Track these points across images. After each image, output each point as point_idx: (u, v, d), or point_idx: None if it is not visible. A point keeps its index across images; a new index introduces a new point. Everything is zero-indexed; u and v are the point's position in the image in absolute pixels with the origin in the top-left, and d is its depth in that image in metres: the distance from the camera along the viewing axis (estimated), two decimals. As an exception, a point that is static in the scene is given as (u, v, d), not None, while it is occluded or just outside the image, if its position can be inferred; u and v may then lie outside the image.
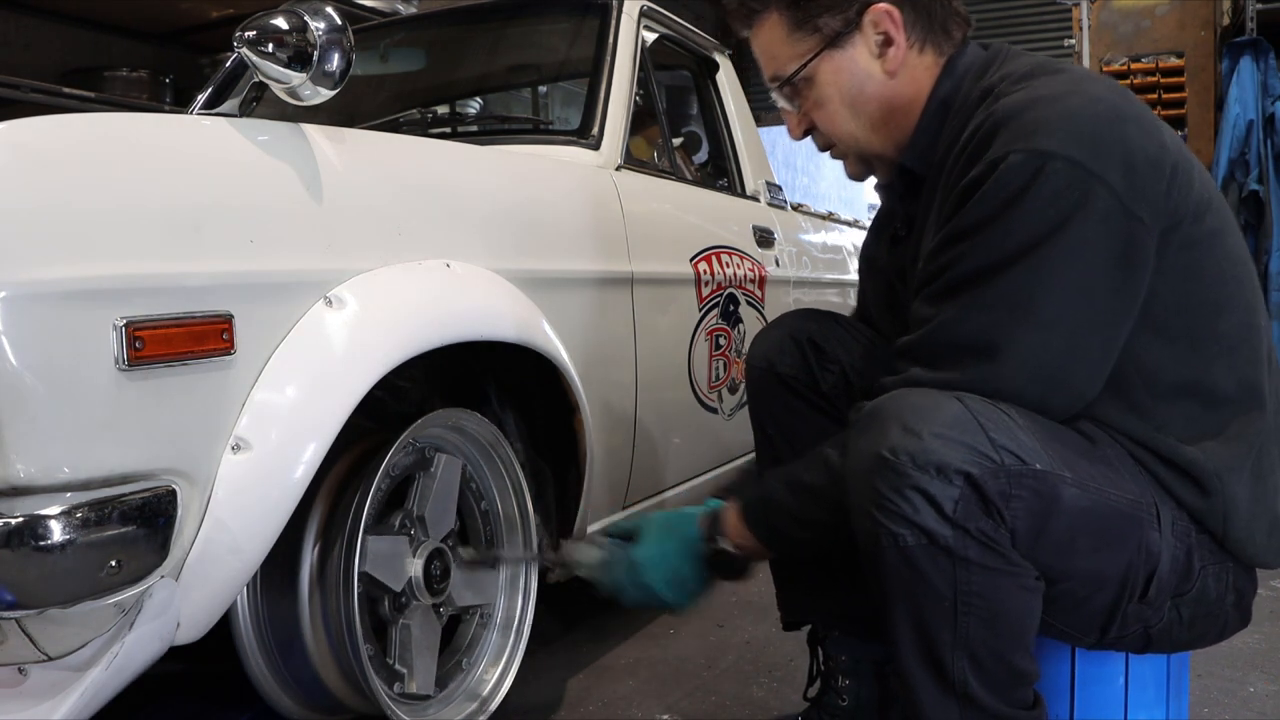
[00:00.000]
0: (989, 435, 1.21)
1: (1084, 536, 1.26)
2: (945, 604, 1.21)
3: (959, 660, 1.23)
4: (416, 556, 1.72)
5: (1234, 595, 1.40)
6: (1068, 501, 1.23)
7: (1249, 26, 5.30)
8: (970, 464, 1.19)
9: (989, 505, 1.19)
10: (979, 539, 1.19)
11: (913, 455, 1.19)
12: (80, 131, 1.25)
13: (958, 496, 1.18)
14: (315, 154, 1.49)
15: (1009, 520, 1.20)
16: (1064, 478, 1.23)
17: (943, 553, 1.20)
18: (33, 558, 1.14)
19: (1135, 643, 1.39)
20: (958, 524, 1.19)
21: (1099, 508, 1.26)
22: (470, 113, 3.38)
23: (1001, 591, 1.22)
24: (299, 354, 1.39)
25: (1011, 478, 1.20)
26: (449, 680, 1.83)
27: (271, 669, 1.62)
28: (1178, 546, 1.32)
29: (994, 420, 1.22)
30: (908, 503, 1.19)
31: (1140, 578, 1.31)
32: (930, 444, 1.19)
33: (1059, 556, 1.26)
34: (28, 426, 1.14)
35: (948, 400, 1.23)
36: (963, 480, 1.18)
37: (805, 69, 1.46)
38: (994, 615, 1.22)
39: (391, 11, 4.03)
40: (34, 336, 1.13)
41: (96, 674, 1.28)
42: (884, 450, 1.21)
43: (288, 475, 1.36)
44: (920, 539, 1.20)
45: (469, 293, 1.68)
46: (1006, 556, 1.21)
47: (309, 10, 1.40)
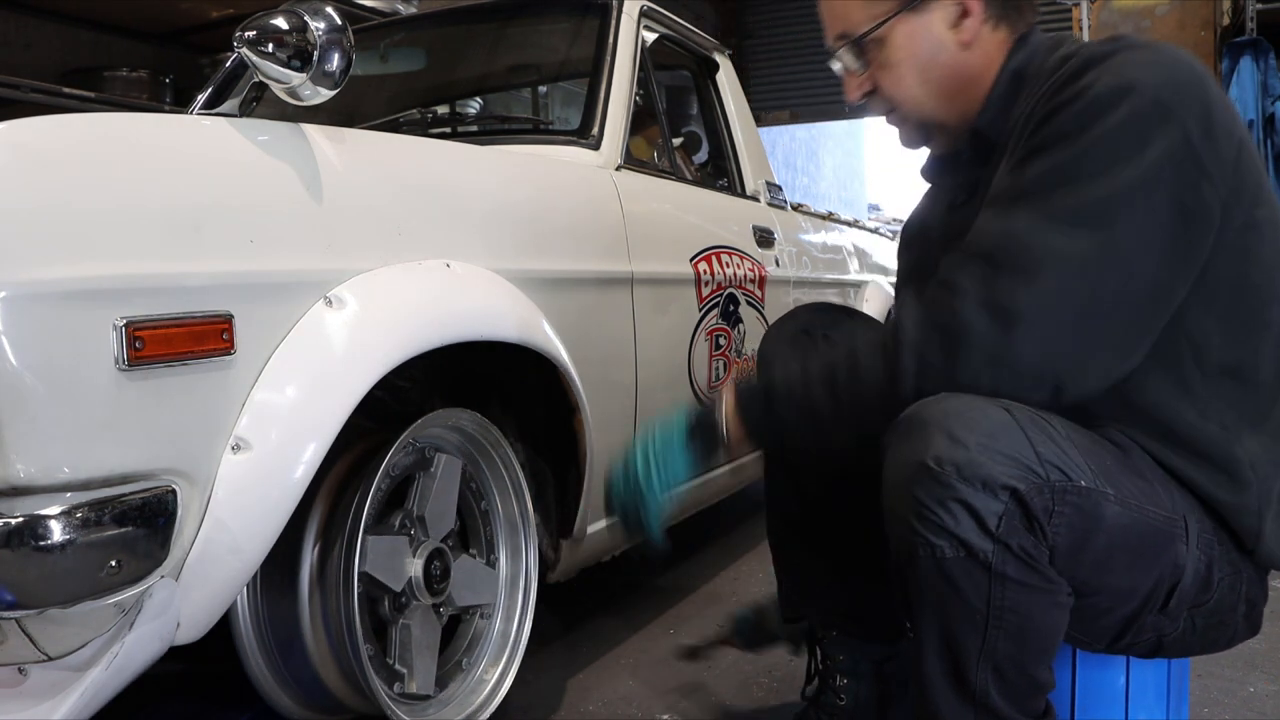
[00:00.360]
0: (1035, 449, 1.19)
1: (1121, 553, 1.25)
2: (977, 617, 1.20)
3: (982, 672, 1.22)
4: (416, 556, 1.72)
5: (1245, 606, 1.39)
6: (1109, 519, 1.21)
7: (1249, 26, 5.30)
8: (1017, 479, 1.17)
9: (1033, 522, 1.17)
10: (1019, 555, 1.18)
11: (958, 466, 1.17)
12: (80, 131, 1.25)
13: (1002, 511, 1.17)
14: (315, 154, 1.49)
15: (1050, 537, 1.19)
16: (1107, 495, 1.22)
17: (980, 567, 1.18)
18: (33, 558, 1.14)
19: (1145, 649, 1.38)
20: (999, 539, 1.17)
21: (1138, 525, 1.24)
22: (470, 113, 3.38)
23: (1035, 608, 1.21)
24: (299, 354, 1.39)
25: (1056, 494, 1.18)
26: (449, 680, 1.83)
27: (271, 669, 1.62)
28: (1200, 559, 1.31)
29: (1039, 432, 1.21)
30: (950, 515, 1.17)
31: (1164, 590, 1.30)
32: (977, 456, 1.17)
33: (1095, 572, 1.24)
34: (28, 426, 1.14)
35: (994, 409, 1.21)
36: (1009, 495, 1.17)
37: (880, 30, 1.44)
38: (1024, 631, 1.21)
39: (391, 11, 4.03)
40: (34, 336, 1.13)
41: (96, 674, 1.28)
42: (928, 459, 1.18)
43: (288, 475, 1.36)
44: (959, 551, 1.18)
45: (469, 293, 1.68)
46: (1044, 573, 1.20)
47: (309, 10, 1.40)
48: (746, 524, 3.55)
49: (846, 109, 1.56)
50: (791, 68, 9.00)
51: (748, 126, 3.38)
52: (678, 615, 2.62)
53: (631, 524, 1.48)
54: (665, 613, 2.62)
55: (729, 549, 3.26)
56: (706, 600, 2.76)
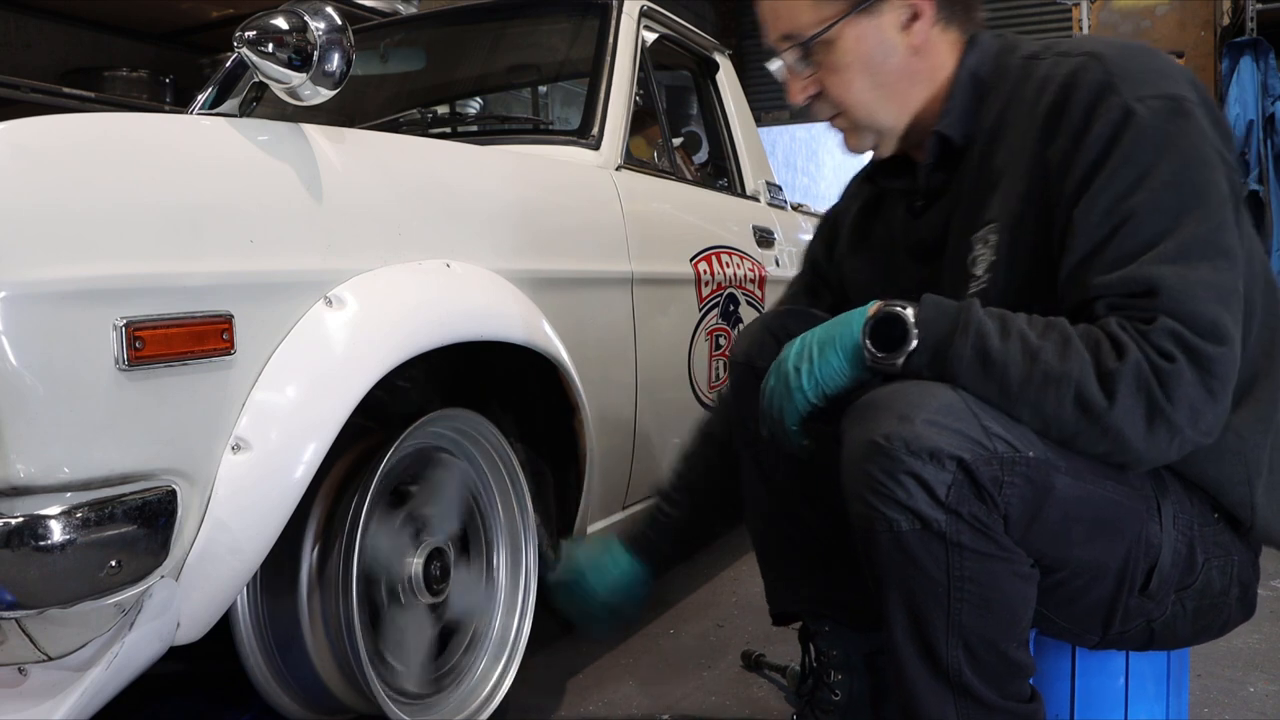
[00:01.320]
0: (982, 422, 1.21)
1: (1078, 525, 1.26)
2: (939, 589, 1.22)
3: (953, 648, 1.23)
4: (417, 555, 1.73)
5: (1239, 588, 1.40)
6: (1061, 489, 1.23)
7: (1249, 26, 5.30)
8: (963, 449, 1.19)
9: (981, 490, 1.19)
10: (972, 524, 1.20)
11: (906, 440, 1.19)
12: (80, 131, 1.25)
13: (950, 481, 1.19)
14: (315, 154, 1.49)
15: (1001, 506, 1.20)
16: (1057, 466, 1.23)
17: (936, 538, 1.20)
18: (33, 558, 1.14)
19: (1138, 639, 1.39)
20: (950, 508, 1.19)
21: (1093, 497, 1.26)
22: (470, 113, 3.38)
23: (995, 577, 1.22)
24: (299, 354, 1.39)
25: (1004, 464, 1.20)
26: (448, 680, 1.83)
27: (271, 668, 1.62)
28: (1179, 539, 1.32)
29: (989, 410, 1.22)
30: (901, 487, 1.19)
31: (1140, 570, 1.31)
32: (923, 429, 1.19)
33: (1053, 544, 1.25)
34: (28, 426, 1.14)
35: (944, 391, 1.23)
36: (955, 465, 1.19)
37: (828, 32, 1.41)
38: (987, 601, 1.22)
39: (391, 11, 4.03)
40: (34, 337, 1.13)
41: (97, 674, 1.28)
42: (878, 436, 1.21)
43: (288, 475, 1.36)
44: (914, 523, 1.20)
45: (469, 293, 1.68)
46: (999, 542, 1.22)
47: (309, 10, 1.40)
48: (746, 524, 3.54)
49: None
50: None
51: (748, 126, 3.38)
52: (678, 615, 2.62)
53: (774, 424, 1.43)
54: (665, 613, 2.62)
55: (729, 549, 3.25)
56: (706, 600, 2.76)
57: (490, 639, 1.91)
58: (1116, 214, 1.24)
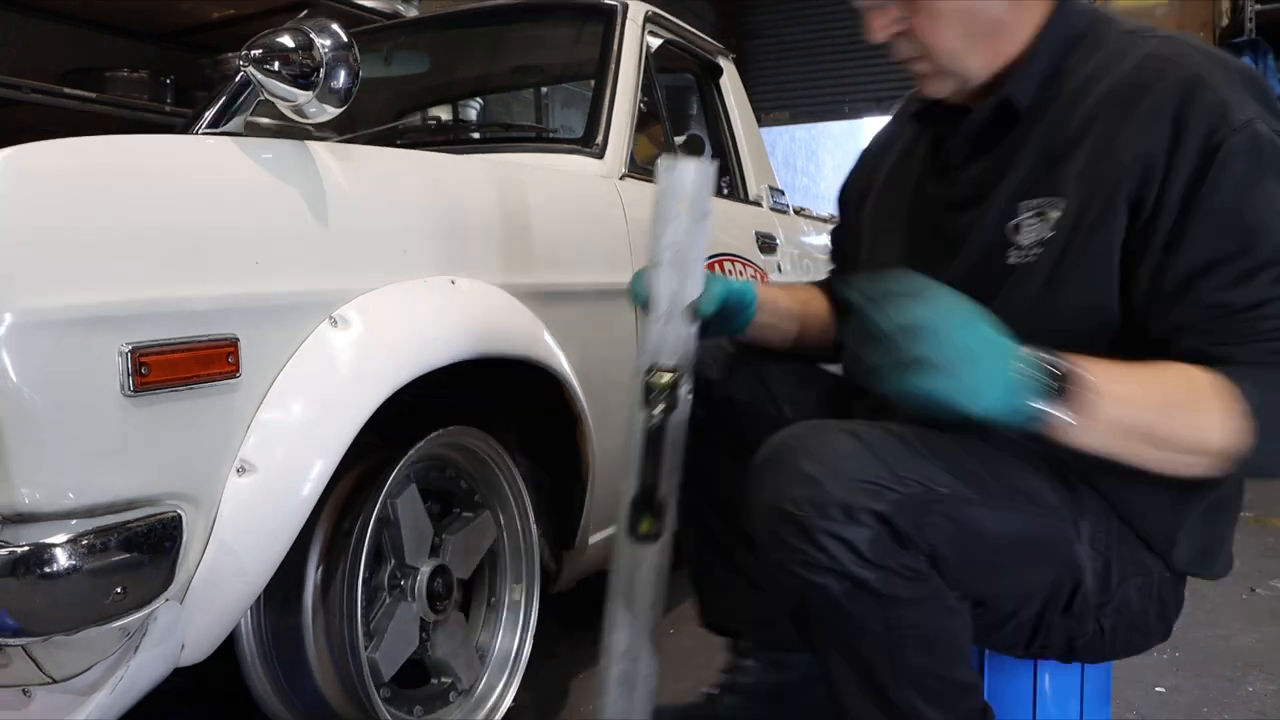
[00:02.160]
0: (889, 467, 1.17)
1: (1004, 554, 1.25)
2: (879, 640, 1.19)
3: (902, 689, 1.21)
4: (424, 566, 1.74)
5: (1157, 606, 1.38)
6: (980, 521, 1.21)
7: (1248, 27, 5.30)
8: (876, 501, 1.15)
9: (901, 538, 1.16)
10: (901, 573, 1.17)
11: (815, 503, 1.15)
12: (83, 155, 1.24)
13: (871, 535, 1.15)
14: (320, 173, 1.48)
15: (925, 546, 1.18)
16: (970, 499, 1.21)
17: (870, 594, 1.17)
18: (38, 586, 1.14)
19: (1059, 652, 1.38)
20: (879, 564, 1.16)
21: (1015, 524, 1.24)
22: (473, 118, 3.37)
23: (932, 617, 1.20)
24: (304, 375, 1.39)
25: (919, 506, 1.17)
26: (449, 695, 1.83)
27: (275, 686, 1.62)
28: (1096, 559, 1.31)
29: (892, 450, 1.19)
30: (824, 552, 1.15)
31: (1065, 590, 1.30)
32: (831, 489, 1.15)
33: (985, 578, 1.24)
34: (33, 453, 1.14)
35: (840, 435, 1.20)
36: (872, 517, 1.15)
37: None
38: (930, 641, 1.21)
39: (393, 13, 4.01)
40: (39, 363, 1.13)
41: (101, 697, 1.28)
42: (786, 505, 1.17)
43: (293, 497, 1.36)
44: (845, 584, 1.16)
45: (474, 310, 1.67)
46: (929, 583, 1.19)
47: (315, 28, 1.40)
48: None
49: (846, 109, 1.52)
50: (792, 68, 8.99)
51: (750, 131, 3.37)
52: (678, 615, 2.62)
53: None
54: (665, 613, 2.61)
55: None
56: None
57: (492, 657, 1.91)
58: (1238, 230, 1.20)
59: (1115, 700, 1.95)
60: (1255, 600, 2.76)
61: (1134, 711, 2.06)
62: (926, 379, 1.08)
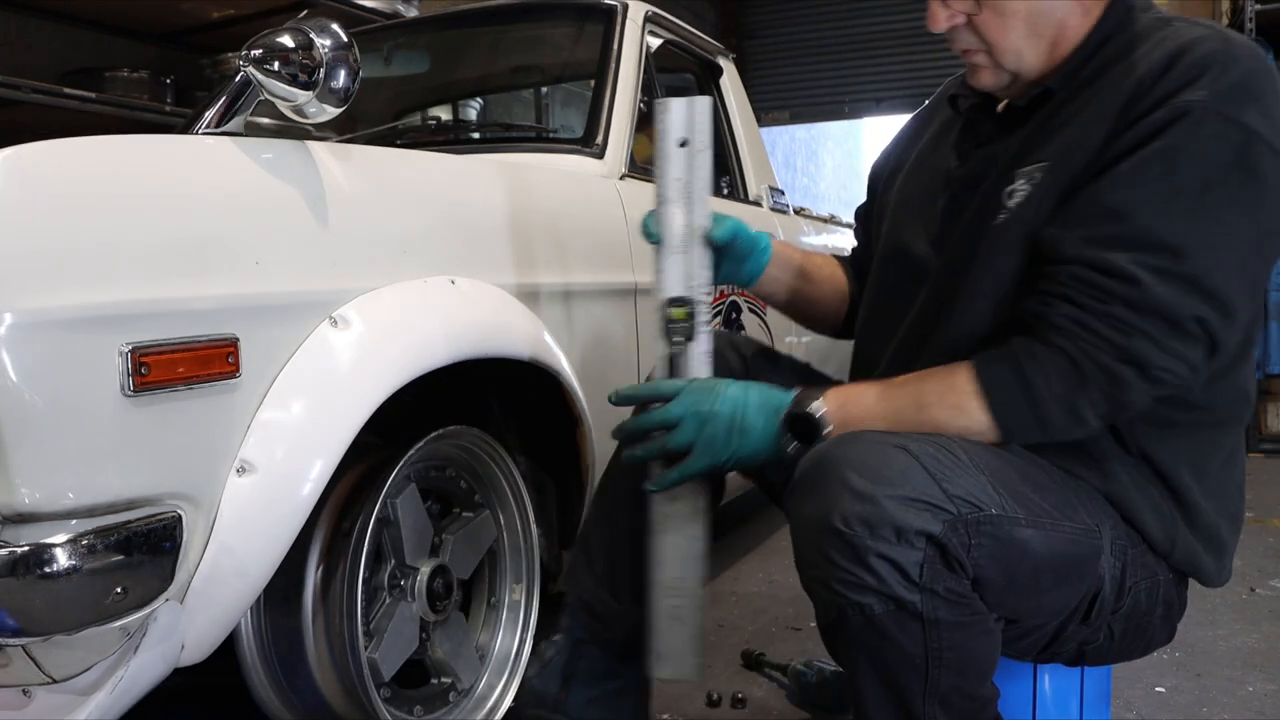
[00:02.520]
0: (940, 486, 1.16)
1: (1046, 574, 1.25)
2: (916, 662, 1.18)
3: (930, 706, 1.20)
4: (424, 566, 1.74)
5: (1162, 608, 1.40)
6: (1027, 544, 1.21)
7: (1247, 27, 5.30)
8: (930, 524, 1.14)
9: (951, 561, 1.16)
10: (947, 598, 1.16)
11: (868, 522, 1.13)
12: (84, 156, 1.24)
13: (922, 560, 1.14)
14: (320, 173, 1.48)
15: (971, 571, 1.17)
16: (1018, 519, 1.20)
17: (912, 618, 1.16)
18: (38, 586, 1.14)
19: (1068, 659, 1.39)
20: (925, 587, 1.15)
21: (1056, 543, 1.24)
22: (473, 118, 3.37)
23: (971, 640, 1.20)
24: (304, 375, 1.39)
25: (970, 527, 1.16)
26: (449, 696, 1.83)
27: (274, 685, 1.62)
28: (1115, 565, 1.32)
29: (943, 466, 1.19)
30: (871, 573, 1.14)
31: (1087, 602, 1.31)
32: (885, 507, 1.14)
33: (1025, 597, 1.24)
34: (33, 453, 1.14)
35: (894, 452, 1.19)
36: (924, 541, 1.14)
37: None
38: (964, 663, 1.20)
39: (392, 12, 4.01)
40: (40, 363, 1.13)
41: (101, 697, 1.28)
42: (835, 521, 1.15)
43: (293, 497, 1.36)
44: (888, 606, 1.15)
45: (473, 310, 1.67)
46: (972, 607, 1.19)
47: (315, 28, 1.39)
48: (747, 525, 3.56)
49: (846, 109, 1.52)
50: (792, 68, 8.98)
51: (750, 131, 3.37)
52: None
53: None
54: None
55: (729, 549, 3.26)
56: (706, 600, 2.76)
57: (491, 657, 1.91)
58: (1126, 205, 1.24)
59: (1115, 700, 1.95)
60: (1255, 600, 2.76)
61: (1134, 711, 2.06)
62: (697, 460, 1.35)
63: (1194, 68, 1.24)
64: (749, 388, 1.37)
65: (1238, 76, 1.23)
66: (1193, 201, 1.22)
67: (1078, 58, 1.38)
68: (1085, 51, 1.38)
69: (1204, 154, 1.22)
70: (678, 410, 1.35)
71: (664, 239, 1.50)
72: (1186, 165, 1.22)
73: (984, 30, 1.38)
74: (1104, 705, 1.58)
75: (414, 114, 3.26)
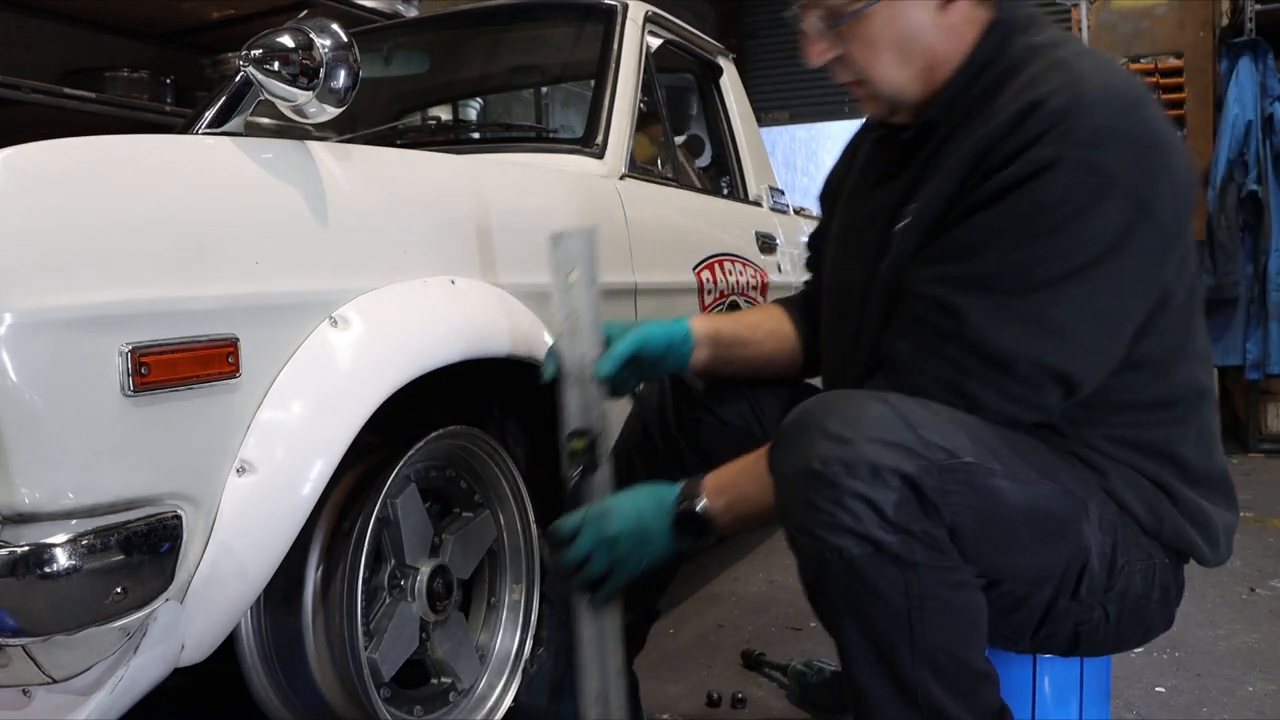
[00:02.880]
0: (917, 432, 1.18)
1: (1024, 529, 1.25)
2: (898, 612, 1.18)
3: (918, 668, 1.20)
4: (424, 566, 1.73)
5: (1159, 592, 1.40)
6: (1002, 493, 1.22)
7: (1248, 27, 5.28)
8: (904, 463, 1.16)
9: (926, 504, 1.17)
10: (922, 540, 1.17)
11: (845, 462, 1.16)
12: (83, 155, 1.24)
13: (897, 499, 1.16)
14: (320, 173, 1.48)
15: (947, 518, 1.18)
16: (993, 469, 1.22)
17: (890, 559, 1.17)
18: (37, 586, 1.14)
19: (1064, 643, 1.39)
20: (901, 527, 1.16)
21: (1033, 499, 1.25)
22: (473, 119, 3.38)
23: (952, 589, 1.20)
24: (304, 375, 1.39)
25: (945, 473, 1.18)
26: (449, 696, 1.83)
27: (274, 685, 1.62)
28: (1105, 540, 1.32)
29: (919, 416, 1.21)
30: (847, 512, 1.16)
31: (1074, 573, 1.31)
32: (860, 448, 1.16)
33: (1003, 551, 1.25)
34: (33, 453, 1.13)
35: (871, 400, 1.22)
36: (899, 480, 1.16)
37: (864, 10, 1.36)
38: (946, 615, 1.20)
39: (392, 12, 4.01)
40: (40, 363, 1.13)
41: (101, 697, 1.28)
42: (814, 463, 1.17)
43: (293, 497, 1.36)
44: (865, 548, 1.16)
45: (473, 310, 1.67)
46: (948, 554, 1.20)
47: (315, 28, 1.40)
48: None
49: (846, 109, 1.54)
50: (792, 68, 8.95)
51: (751, 131, 3.37)
52: (678, 615, 2.63)
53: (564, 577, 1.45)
54: (665, 613, 2.62)
55: (729, 550, 3.26)
56: (707, 601, 2.77)
57: (492, 657, 1.91)
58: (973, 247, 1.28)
59: (1115, 700, 1.95)
60: (1255, 600, 2.76)
61: (1133, 711, 2.06)
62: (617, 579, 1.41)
63: (1045, 120, 1.25)
64: (639, 496, 1.43)
65: (1086, 130, 1.23)
66: (1040, 246, 1.24)
67: (956, 85, 1.40)
68: (964, 78, 1.40)
69: (1053, 202, 1.23)
70: (585, 545, 1.40)
71: (561, 373, 1.55)
72: (1036, 214, 1.24)
73: (855, 63, 1.41)
74: (1104, 704, 1.57)
75: (414, 114, 3.26)
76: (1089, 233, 1.23)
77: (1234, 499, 1.46)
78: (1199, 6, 5.90)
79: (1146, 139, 1.25)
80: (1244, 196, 5.21)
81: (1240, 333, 5.15)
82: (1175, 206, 1.27)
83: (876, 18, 1.37)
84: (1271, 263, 5.13)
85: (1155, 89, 5.73)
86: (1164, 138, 1.27)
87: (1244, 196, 5.21)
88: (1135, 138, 1.25)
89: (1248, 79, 5.32)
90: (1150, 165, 1.25)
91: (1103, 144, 1.23)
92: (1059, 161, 1.23)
